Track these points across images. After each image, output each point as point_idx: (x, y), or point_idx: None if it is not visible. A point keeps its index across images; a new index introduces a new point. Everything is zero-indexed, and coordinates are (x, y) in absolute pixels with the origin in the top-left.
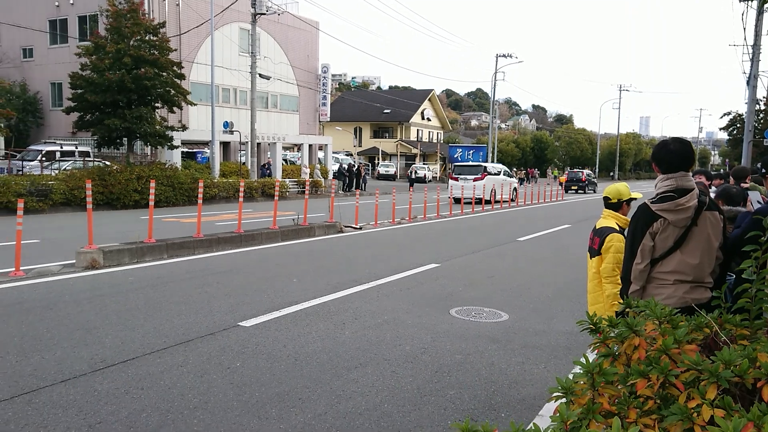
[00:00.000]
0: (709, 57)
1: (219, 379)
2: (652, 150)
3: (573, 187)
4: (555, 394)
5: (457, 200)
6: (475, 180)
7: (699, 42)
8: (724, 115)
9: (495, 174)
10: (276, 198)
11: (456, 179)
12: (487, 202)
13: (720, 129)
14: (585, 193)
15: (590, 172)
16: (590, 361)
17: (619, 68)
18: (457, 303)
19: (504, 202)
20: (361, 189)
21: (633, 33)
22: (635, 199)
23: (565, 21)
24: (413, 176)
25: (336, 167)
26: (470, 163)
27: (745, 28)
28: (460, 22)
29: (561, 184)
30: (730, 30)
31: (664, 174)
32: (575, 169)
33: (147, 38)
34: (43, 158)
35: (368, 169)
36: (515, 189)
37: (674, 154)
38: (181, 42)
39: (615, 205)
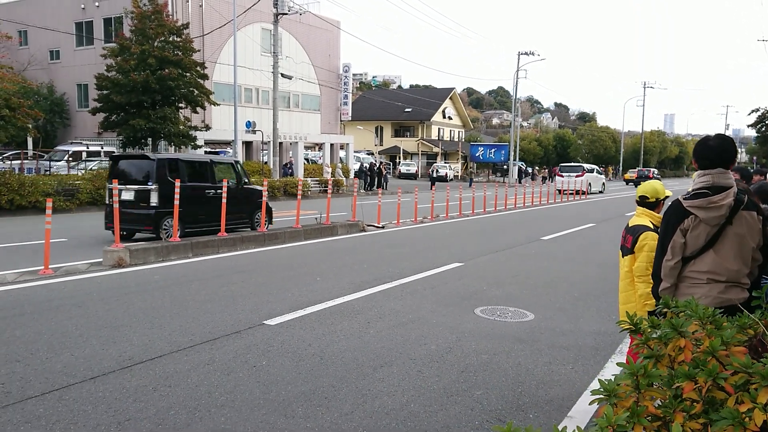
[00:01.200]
0: (737, 52)
1: (245, 378)
2: (694, 146)
3: (641, 182)
4: (597, 397)
5: (560, 191)
6: (576, 176)
7: (726, 37)
8: (752, 111)
9: (590, 172)
10: (299, 197)
11: (561, 175)
12: (583, 192)
13: (748, 126)
14: None
15: (655, 170)
16: (624, 363)
17: (643, 65)
18: (481, 302)
19: (591, 194)
20: (383, 188)
21: (657, 29)
22: (668, 196)
23: (588, 18)
24: (434, 175)
25: (357, 166)
26: (572, 164)
27: None
28: (481, 20)
29: (626, 180)
30: (758, 24)
31: (701, 170)
32: (643, 168)
33: (171, 39)
34: (70, 158)
35: (389, 168)
36: (603, 183)
37: (712, 150)
38: (204, 43)
39: (653, 203)
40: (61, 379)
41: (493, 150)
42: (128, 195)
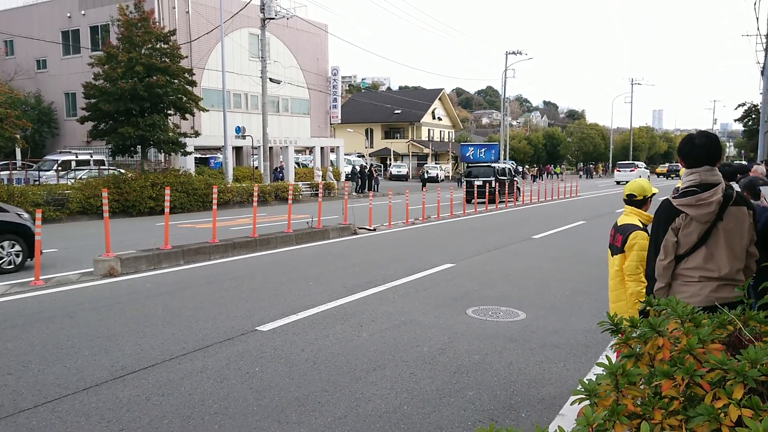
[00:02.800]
0: (723, 48)
1: (238, 384)
2: (678, 144)
3: (672, 175)
4: (578, 397)
5: (618, 183)
6: (630, 171)
7: (712, 33)
8: (739, 106)
9: (640, 168)
10: (289, 201)
11: (619, 170)
12: None
13: (735, 120)
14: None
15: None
16: (612, 361)
17: (631, 62)
18: (473, 303)
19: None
20: (374, 190)
21: (644, 25)
22: (655, 194)
23: (575, 15)
24: (425, 176)
25: (348, 169)
26: (627, 162)
27: (758, 18)
28: (469, 20)
29: (658, 174)
30: (743, 20)
31: (688, 169)
32: (674, 163)
33: (158, 46)
34: (59, 168)
35: (380, 170)
36: (648, 176)
37: (698, 149)
38: (192, 49)
39: (640, 201)
40: (54, 390)
41: (483, 150)
42: (479, 183)
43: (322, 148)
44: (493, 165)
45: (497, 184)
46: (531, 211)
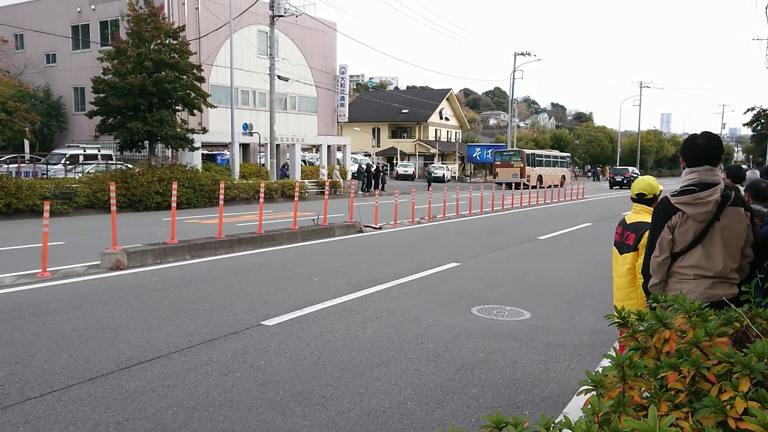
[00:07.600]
0: (732, 52)
1: (243, 378)
2: (681, 144)
3: None
4: (585, 387)
5: None
6: None
7: (721, 37)
8: (748, 110)
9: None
10: (296, 199)
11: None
12: None
13: (743, 125)
14: None
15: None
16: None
17: (640, 65)
18: (478, 301)
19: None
20: (381, 189)
21: (654, 28)
22: (662, 191)
23: (585, 18)
24: (431, 176)
25: (354, 168)
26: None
27: None
28: (478, 20)
29: None
30: (753, 24)
31: (689, 168)
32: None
33: (167, 42)
34: (67, 162)
35: (387, 169)
36: None
37: (699, 148)
38: (201, 45)
39: (650, 200)
40: (60, 380)
41: (490, 151)
42: None
43: (328, 147)
44: None
45: None
46: (537, 213)
